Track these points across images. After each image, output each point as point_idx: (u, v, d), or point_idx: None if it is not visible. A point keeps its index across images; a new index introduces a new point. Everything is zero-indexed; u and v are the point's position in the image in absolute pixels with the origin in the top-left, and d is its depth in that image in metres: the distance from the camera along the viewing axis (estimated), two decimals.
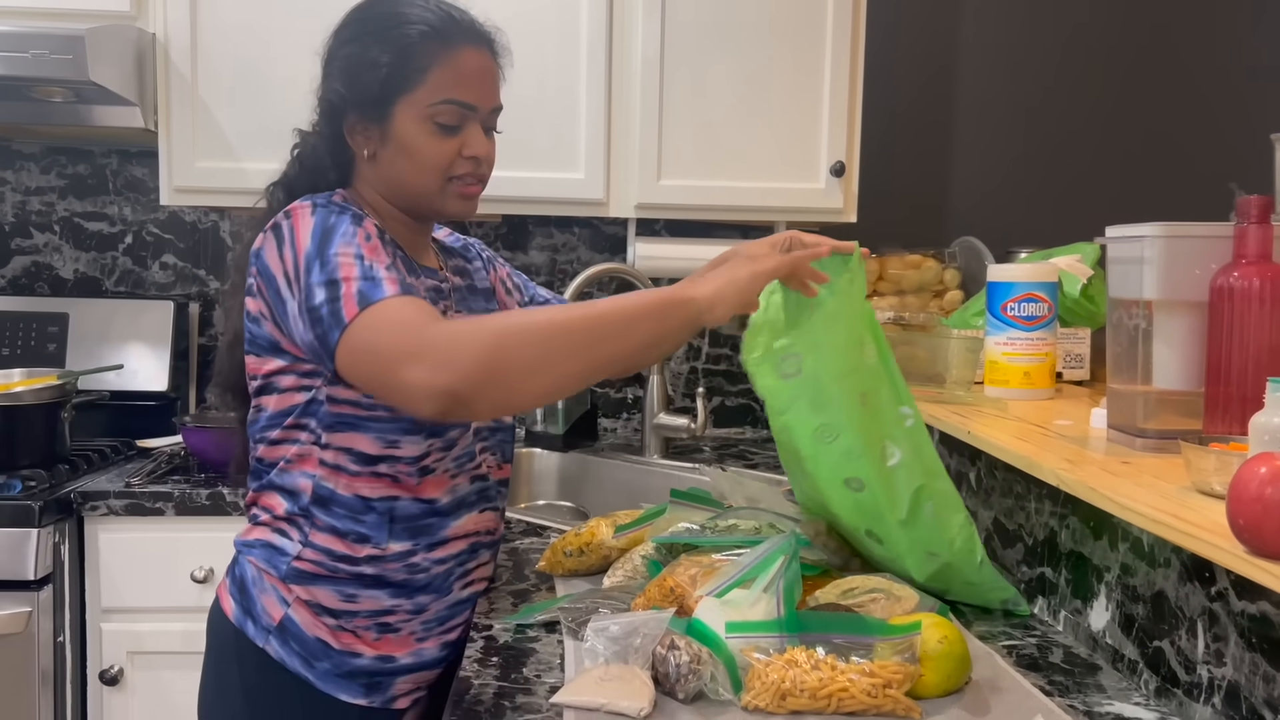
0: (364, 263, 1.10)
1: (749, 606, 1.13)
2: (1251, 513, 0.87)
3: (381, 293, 1.08)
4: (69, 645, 2.00)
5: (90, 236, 2.60)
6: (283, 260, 1.16)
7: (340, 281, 1.09)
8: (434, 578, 1.28)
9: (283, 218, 1.19)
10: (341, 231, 1.14)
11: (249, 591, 1.25)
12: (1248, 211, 1.18)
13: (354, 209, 1.20)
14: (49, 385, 2.12)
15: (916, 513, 1.29)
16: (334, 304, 1.08)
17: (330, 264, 1.11)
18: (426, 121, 1.22)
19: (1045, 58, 2.76)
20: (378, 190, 1.28)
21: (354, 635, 1.25)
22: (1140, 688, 1.17)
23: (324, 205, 1.18)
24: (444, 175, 1.25)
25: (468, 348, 1.02)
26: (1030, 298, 1.72)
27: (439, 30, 1.23)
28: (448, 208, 1.27)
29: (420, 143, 1.23)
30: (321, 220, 1.16)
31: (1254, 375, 1.14)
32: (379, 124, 1.24)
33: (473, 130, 1.25)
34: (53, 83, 2.07)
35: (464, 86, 1.23)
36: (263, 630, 1.24)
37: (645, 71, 2.28)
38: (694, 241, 2.48)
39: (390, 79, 1.21)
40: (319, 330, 1.10)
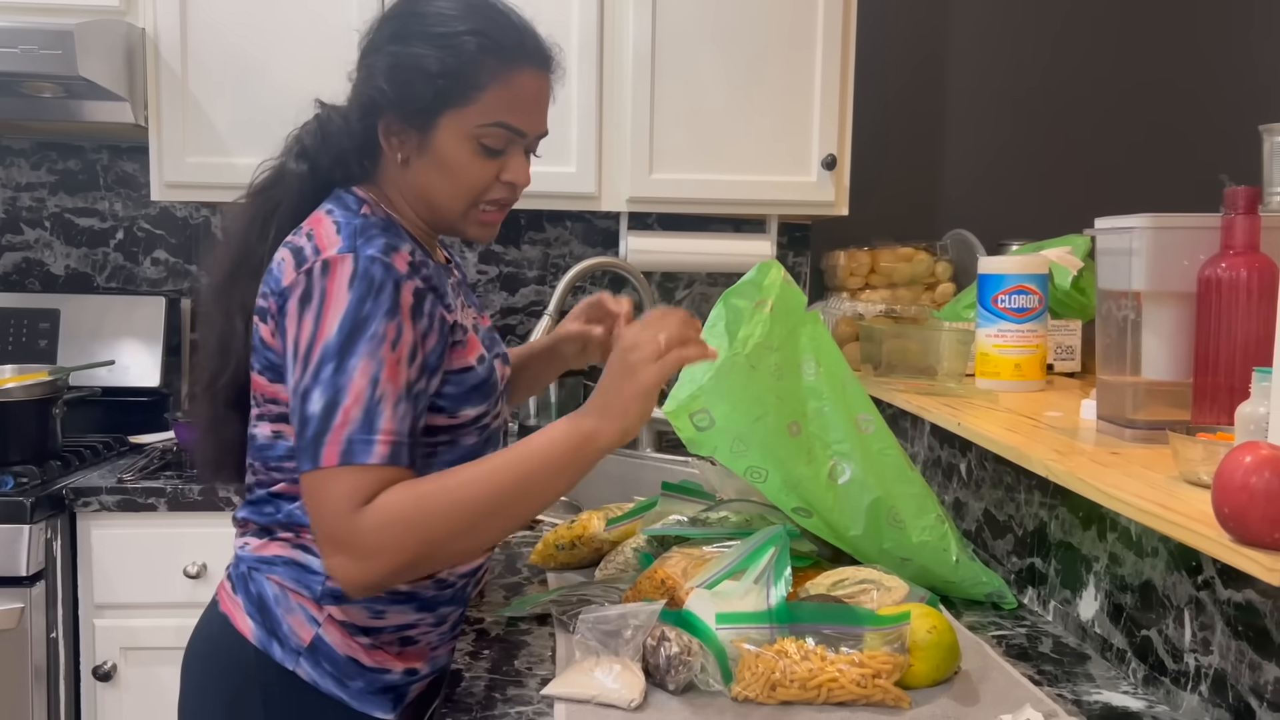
0: (374, 396, 1.04)
1: (739, 598, 1.13)
2: (1237, 501, 0.87)
3: (365, 456, 1.03)
4: (62, 641, 1.99)
5: (81, 232, 2.59)
6: (301, 325, 1.07)
7: (338, 411, 1.03)
8: (458, 590, 1.24)
9: (319, 267, 1.07)
10: (371, 333, 1.05)
11: (272, 611, 1.17)
12: (1235, 203, 1.18)
13: (396, 272, 1.08)
14: (40, 381, 2.12)
15: (876, 525, 1.30)
16: (321, 433, 1.03)
17: (344, 375, 1.04)
18: (471, 141, 1.15)
19: (1035, 50, 2.77)
20: (402, 194, 1.20)
21: (383, 651, 1.20)
22: (1128, 676, 1.17)
23: (365, 267, 1.07)
24: (477, 198, 1.18)
25: (391, 549, 1.03)
26: (1021, 290, 1.72)
27: (501, 46, 1.14)
28: (469, 231, 1.21)
29: (460, 161, 1.15)
30: (357, 301, 1.06)
31: (1241, 365, 1.15)
32: (419, 132, 1.15)
33: (516, 155, 1.18)
34: (42, 78, 2.07)
35: (518, 111, 1.16)
36: (292, 652, 1.16)
37: (636, 65, 2.28)
38: (686, 235, 2.49)
39: (443, 92, 1.13)
40: (300, 434, 1.06)
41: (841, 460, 1.30)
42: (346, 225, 1.12)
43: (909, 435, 1.87)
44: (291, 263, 1.10)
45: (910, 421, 1.86)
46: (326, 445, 1.03)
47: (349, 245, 1.08)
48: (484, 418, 1.21)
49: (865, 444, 1.32)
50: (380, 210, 1.18)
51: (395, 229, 1.16)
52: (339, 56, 2.30)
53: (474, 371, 1.18)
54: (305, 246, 1.10)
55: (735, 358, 1.26)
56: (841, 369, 1.35)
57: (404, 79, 1.14)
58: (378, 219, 1.15)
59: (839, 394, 1.32)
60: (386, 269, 1.07)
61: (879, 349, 1.89)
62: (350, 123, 1.19)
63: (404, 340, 1.07)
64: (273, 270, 1.13)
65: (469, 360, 1.17)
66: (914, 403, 1.67)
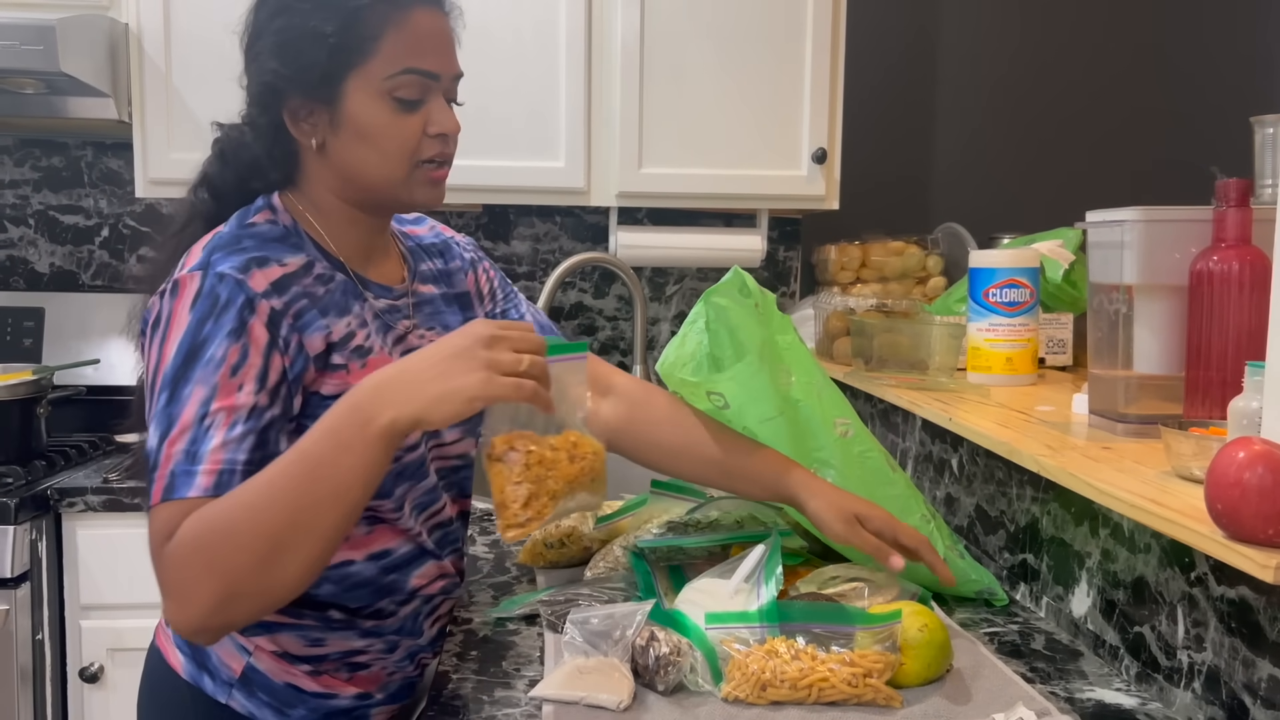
0: (201, 424, 0.95)
1: (729, 597, 1.12)
2: (1229, 497, 0.86)
3: (185, 489, 0.92)
4: (48, 643, 1.98)
5: (66, 230, 2.57)
6: (149, 352, 1.01)
7: (166, 442, 0.94)
8: (404, 621, 1.19)
9: (169, 288, 1.01)
10: (208, 357, 0.97)
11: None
12: (1226, 195, 1.17)
13: (247, 291, 1.00)
14: (24, 381, 2.10)
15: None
16: (153, 469, 0.95)
17: (176, 405, 0.95)
18: (384, 97, 1.06)
19: (1026, 43, 2.76)
20: (330, 188, 1.12)
21: (330, 677, 1.15)
22: (1121, 673, 1.16)
23: (210, 286, 0.99)
24: (411, 159, 1.09)
25: (196, 590, 0.90)
26: (1012, 283, 1.71)
27: None
28: (416, 196, 1.12)
29: (380, 122, 1.07)
30: (197, 322, 0.98)
31: (1233, 359, 1.14)
32: (327, 106, 1.07)
33: (436, 103, 1.10)
34: (24, 74, 2.05)
35: (423, 52, 1.08)
36: (223, 685, 1.12)
37: (625, 59, 2.27)
38: (676, 230, 2.47)
39: (338, 50, 1.05)
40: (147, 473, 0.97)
41: (822, 467, 1.29)
42: (213, 238, 1.06)
43: (900, 430, 1.86)
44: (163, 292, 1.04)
45: (902, 416, 1.85)
46: (156, 481, 0.94)
47: (202, 262, 1.02)
48: None
49: (845, 448, 1.31)
50: (286, 218, 1.11)
51: (292, 238, 1.09)
52: None
53: None
54: (179, 265, 1.05)
55: (750, 363, 1.25)
56: (815, 374, 1.34)
57: (295, 50, 1.06)
58: (270, 228, 1.08)
59: (815, 400, 1.32)
60: (237, 285, 1.00)
61: (870, 343, 1.87)
62: (255, 125, 1.11)
63: (249, 363, 0.98)
64: None
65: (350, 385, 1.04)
66: (905, 398, 1.66)
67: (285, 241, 1.08)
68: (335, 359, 1.06)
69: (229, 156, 1.15)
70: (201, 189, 1.16)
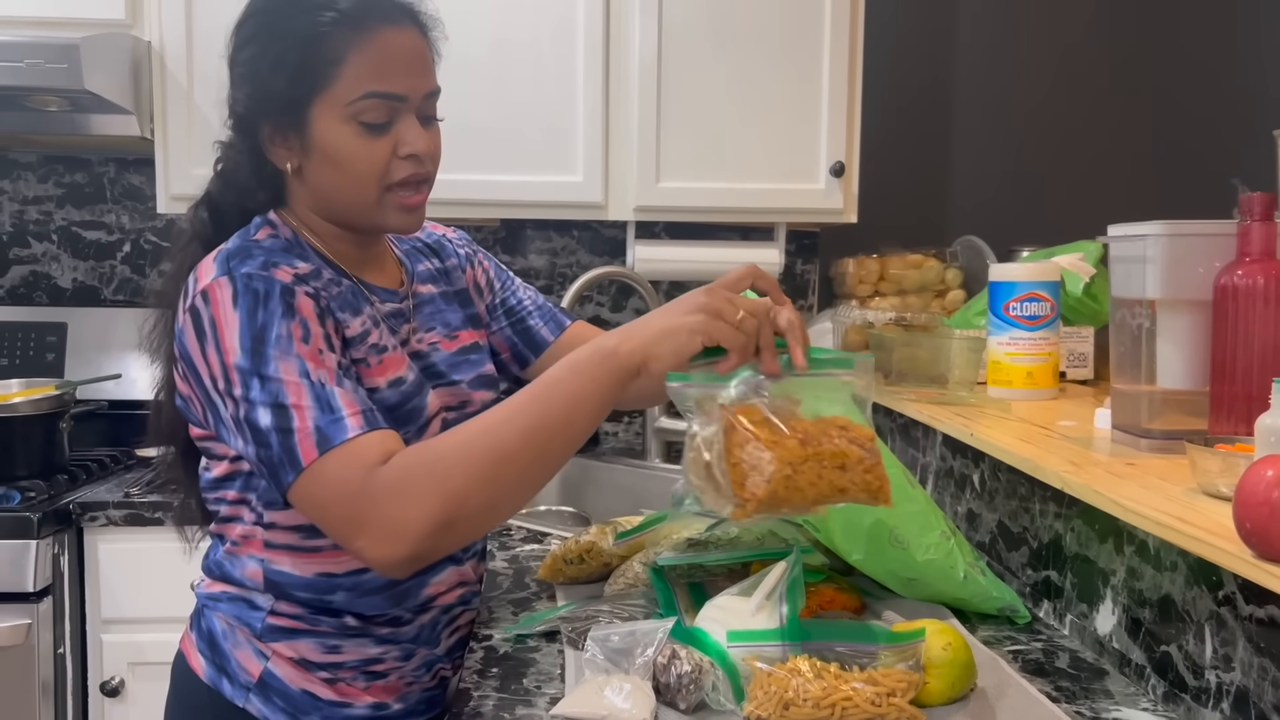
0: (313, 384, 0.98)
1: (750, 615, 1.12)
2: (1258, 516, 0.85)
3: (342, 434, 0.96)
4: (69, 657, 1.99)
5: (88, 245, 2.59)
6: (207, 360, 1.01)
7: (290, 410, 0.97)
8: (421, 629, 1.20)
9: (200, 300, 1.02)
10: (275, 336, 0.99)
11: (220, 647, 1.15)
12: (1251, 209, 1.16)
13: (279, 281, 1.03)
14: (47, 395, 2.12)
15: (878, 547, 1.28)
16: (286, 436, 0.97)
17: (272, 384, 0.98)
18: (349, 122, 1.06)
19: (1045, 54, 2.75)
20: (311, 207, 1.13)
21: (347, 685, 1.16)
22: (1148, 693, 1.15)
23: (244, 284, 1.01)
24: (380, 183, 1.08)
25: (415, 514, 0.93)
26: (1033, 297, 1.70)
27: (348, 13, 1.05)
28: (389, 222, 1.11)
29: (347, 148, 1.06)
30: (247, 315, 1.00)
31: (1259, 374, 1.13)
32: (297, 132, 1.07)
33: (406, 124, 1.08)
34: (48, 92, 2.07)
35: (387, 74, 1.06)
36: (241, 689, 1.14)
37: (643, 73, 2.27)
38: (694, 243, 2.47)
39: (300, 78, 1.05)
40: (266, 457, 0.99)
41: None
42: (222, 252, 1.07)
43: (920, 445, 1.85)
44: (180, 300, 1.06)
45: (922, 431, 1.84)
46: (299, 446, 0.96)
47: (222, 269, 1.03)
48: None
49: None
50: (286, 230, 1.13)
51: (296, 249, 1.11)
52: None
53: (379, 393, 1.09)
54: (188, 283, 1.06)
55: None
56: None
57: (258, 81, 1.07)
58: (273, 240, 1.10)
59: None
60: (267, 280, 1.02)
61: (889, 357, 1.87)
62: (238, 152, 1.13)
63: (313, 333, 1.01)
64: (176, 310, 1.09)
65: (375, 382, 1.10)
66: (925, 412, 1.65)
67: (290, 251, 1.10)
68: (357, 353, 1.09)
69: (227, 176, 1.17)
70: (202, 208, 1.18)
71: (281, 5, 1.09)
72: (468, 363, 1.25)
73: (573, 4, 2.26)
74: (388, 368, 1.11)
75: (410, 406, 1.12)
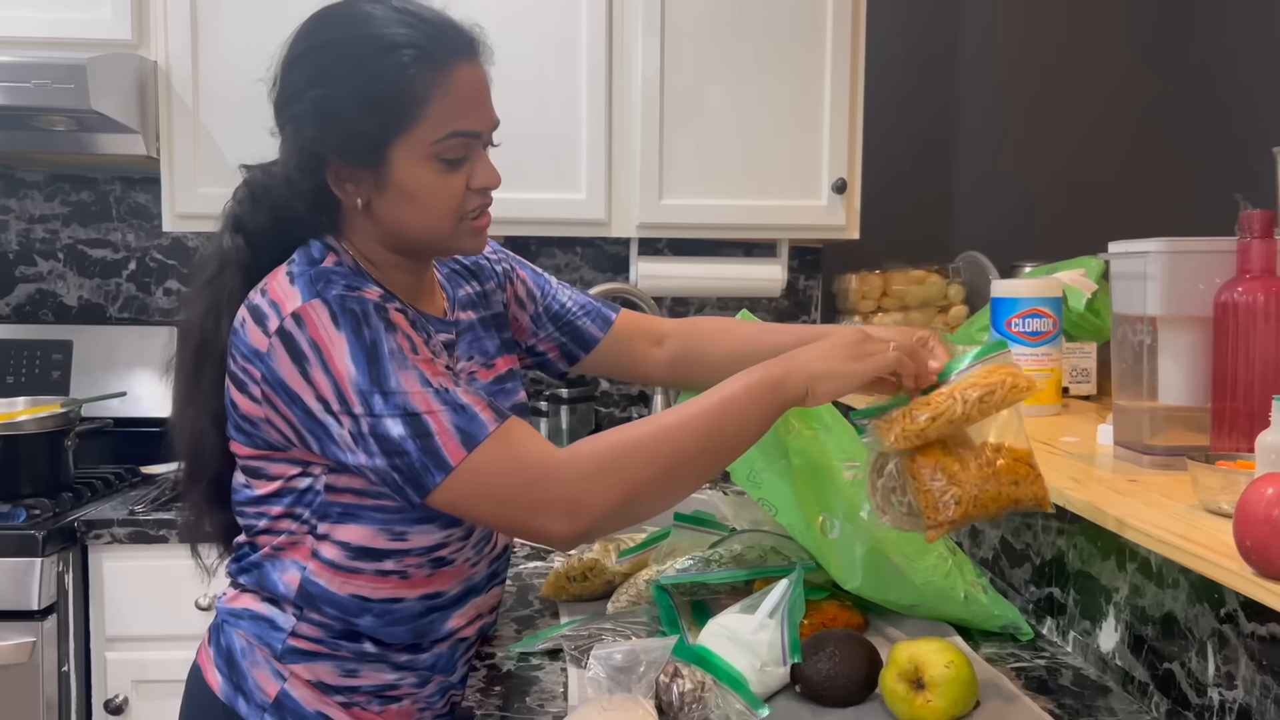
0: (439, 391, 1.00)
1: (753, 633, 1.12)
2: (1259, 534, 0.85)
3: (484, 429, 1.00)
4: (74, 675, 1.99)
5: (94, 263, 2.60)
6: (312, 382, 1.01)
7: (423, 416, 0.99)
8: (439, 658, 1.20)
9: (293, 323, 1.01)
10: (387, 350, 1.01)
11: (238, 665, 1.14)
12: (1251, 226, 1.16)
13: (371, 300, 1.03)
14: (53, 414, 2.13)
15: (875, 575, 1.28)
16: (425, 440, 0.99)
17: (396, 396, 1.00)
18: (430, 160, 1.06)
19: (1048, 71, 2.76)
20: (375, 239, 1.12)
21: (362, 710, 1.16)
22: (1151, 710, 1.15)
23: (340, 305, 1.02)
24: (456, 215, 1.10)
25: (599, 496, 1.01)
26: (1035, 313, 1.70)
27: (428, 52, 1.05)
28: (463, 246, 1.14)
29: (426, 184, 1.07)
30: (353, 334, 1.01)
31: (1260, 391, 1.13)
32: (371, 169, 1.06)
33: (480, 159, 1.10)
34: (55, 112, 2.08)
35: (468, 113, 1.07)
36: (257, 708, 1.13)
37: (645, 91, 2.28)
38: (697, 260, 2.48)
39: (385, 119, 1.04)
40: (403, 465, 1.00)
41: (829, 516, 1.29)
42: (301, 275, 1.06)
43: None
44: (252, 322, 1.05)
45: None
46: (443, 448, 1.00)
47: (312, 292, 1.03)
48: None
49: (854, 493, 1.30)
50: (347, 259, 1.12)
51: (360, 277, 1.09)
52: None
53: None
54: (262, 303, 1.05)
55: None
56: (820, 416, 1.34)
57: (339, 121, 1.05)
58: (340, 267, 1.09)
59: (820, 446, 1.32)
60: (360, 300, 1.03)
61: None
62: (294, 184, 1.09)
63: (419, 343, 1.04)
64: (237, 330, 1.07)
65: None
66: None
67: (357, 277, 1.09)
68: None
69: (260, 199, 1.14)
70: (236, 235, 1.15)
71: (354, 40, 1.06)
72: (503, 392, 1.25)
73: (576, 22, 2.28)
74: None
75: None
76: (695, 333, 1.42)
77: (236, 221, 1.15)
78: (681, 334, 1.42)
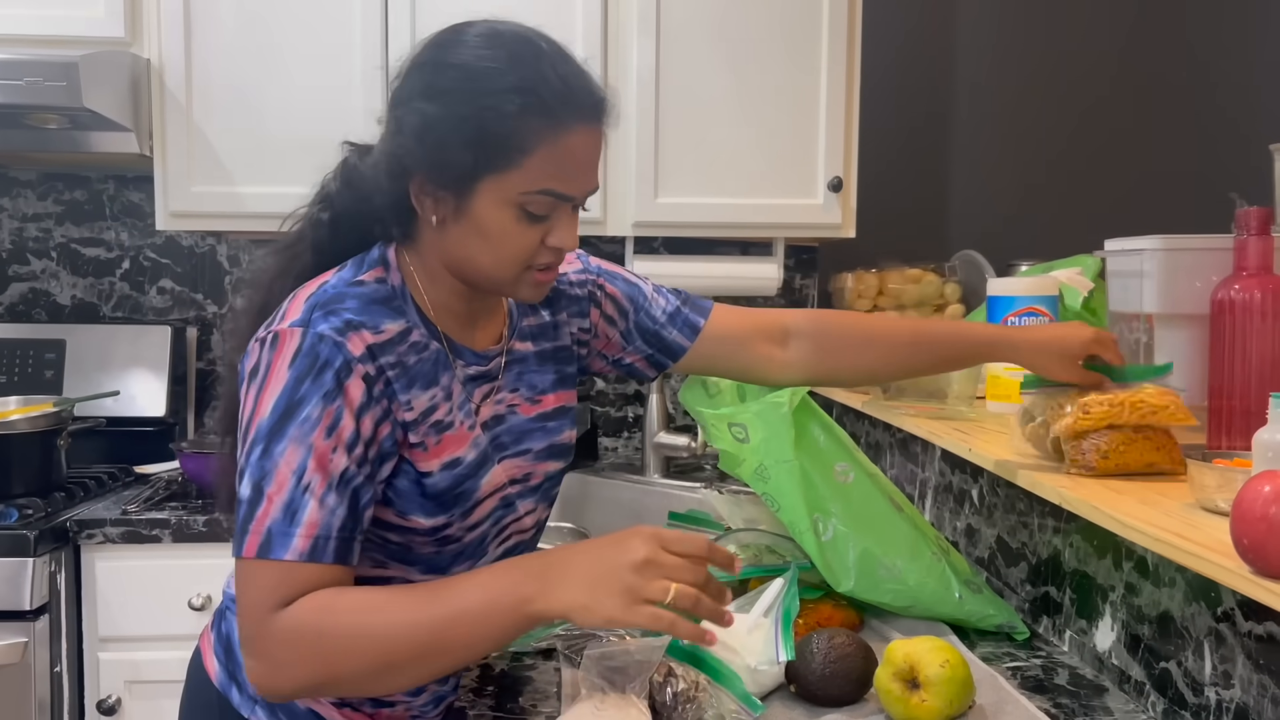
0: (298, 486, 0.97)
1: (747, 632, 1.11)
2: (1256, 532, 0.85)
3: (282, 550, 0.96)
4: (66, 675, 1.98)
5: (87, 262, 2.59)
6: (246, 399, 1.01)
7: (264, 499, 0.97)
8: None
9: (270, 340, 1.01)
10: (303, 416, 0.98)
11: (235, 654, 1.13)
12: (1247, 223, 1.16)
13: (345, 353, 1.00)
14: (45, 413, 2.11)
15: (868, 577, 1.28)
16: (246, 520, 0.97)
17: (270, 460, 0.97)
18: (513, 208, 1.02)
19: (1043, 70, 2.75)
20: (440, 259, 1.09)
21: (354, 710, 1.14)
22: (1148, 709, 1.14)
23: (311, 345, 0.99)
24: (523, 265, 1.06)
25: (292, 675, 0.96)
26: (1031, 311, 1.69)
27: (548, 105, 1.00)
28: (520, 294, 1.09)
29: (502, 229, 1.03)
30: (295, 379, 0.99)
31: (1257, 389, 1.13)
32: (454, 196, 1.03)
33: (563, 218, 1.05)
34: (47, 110, 2.07)
35: (567, 175, 1.02)
36: (249, 699, 1.13)
37: (641, 88, 2.28)
38: (693, 259, 2.47)
39: (481, 155, 1.00)
40: (237, 519, 0.99)
41: (823, 518, 1.28)
42: (319, 294, 1.04)
43: (919, 460, 1.85)
44: (259, 339, 1.04)
45: (921, 446, 1.83)
46: (250, 534, 0.97)
47: (303, 318, 1.01)
48: (443, 529, 1.09)
49: (846, 495, 1.30)
50: (395, 278, 1.09)
51: (397, 301, 1.07)
52: (343, 86, 2.30)
53: (431, 477, 1.07)
54: (280, 309, 1.05)
55: (778, 405, 1.25)
56: (812, 419, 1.33)
57: (437, 142, 1.01)
58: (377, 288, 1.06)
59: (812, 450, 1.31)
60: (335, 347, 0.99)
61: None
62: (380, 179, 1.07)
63: (342, 425, 0.99)
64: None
65: (430, 464, 1.06)
66: (924, 427, 1.64)
67: (389, 304, 1.06)
68: (414, 436, 1.05)
69: (353, 182, 1.12)
70: (324, 211, 1.13)
71: (480, 72, 1.01)
72: (543, 430, 1.20)
73: (570, 19, 2.27)
74: (446, 448, 1.08)
75: (461, 490, 1.09)
76: (829, 335, 1.33)
77: (328, 199, 1.14)
78: (813, 335, 1.33)
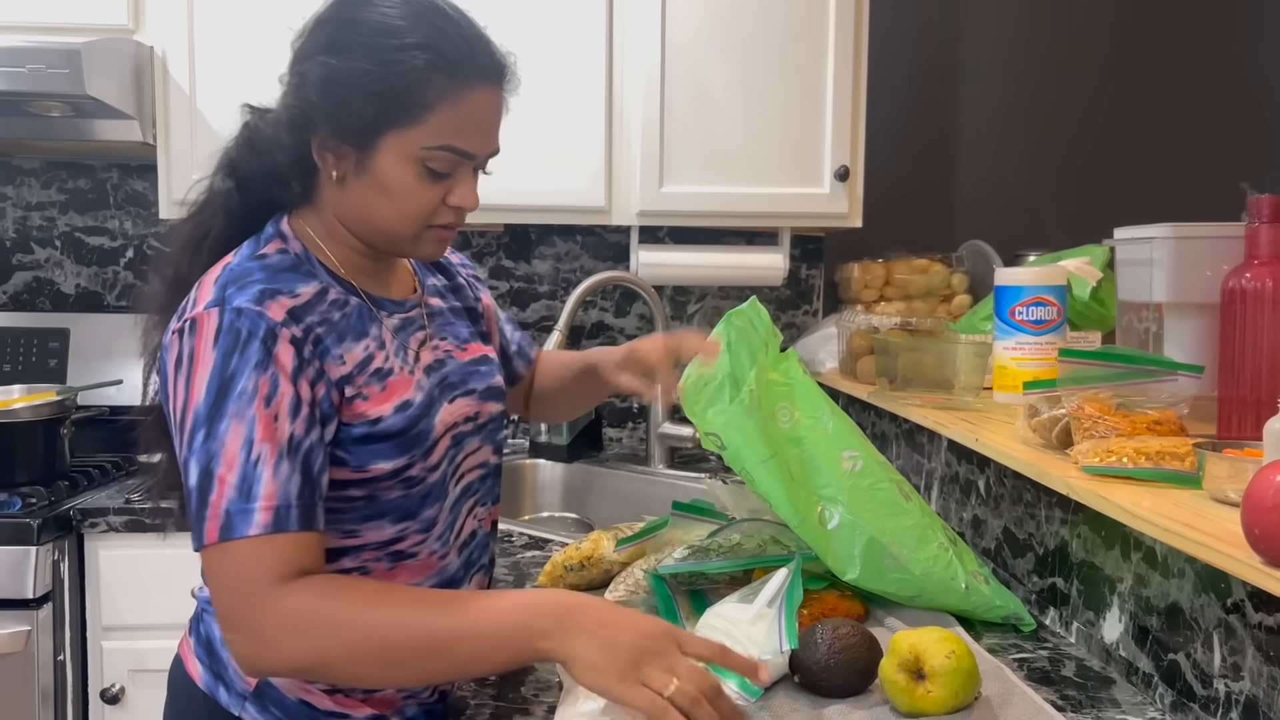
0: (249, 460, 0.96)
1: (751, 623, 1.10)
2: (1267, 522, 0.84)
3: (245, 528, 0.95)
4: (69, 664, 1.98)
5: (91, 251, 2.59)
6: (175, 391, 1.00)
7: (215, 482, 0.95)
8: None
9: (188, 327, 1.00)
10: (239, 391, 0.97)
11: (218, 653, 1.13)
12: (1259, 211, 1.15)
13: (267, 320, 0.99)
14: (48, 401, 2.11)
15: (874, 566, 1.26)
16: (201, 508, 0.96)
17: (215, 441, 0.96)
18: (415, 164, 1.04)
19: (1051, 58, 2.74)
20: (340, 216, 1.10)
21: (346, 696, 1.14)
22: (1155, 702, 1.13)
23: (230, 321, 0.99)
24: (423, 222, 1.08)
25: (288, 656, 0.95)
26: (1039, 301, 1.68)
27: (451, 62, 1.03)
28: (420, 252, 1.12)
29: (403, 185, 1.05)
30: (222, 358, 0.98)
31: (1268, 378, 1.12)
32: (356, 151, 1.05)
33: (464, 177, 1.08)
34: (50, 97, 2.06)
35: (468, 133, 1.05)
36: (237, 697, 1.12)
37: (646, 77, 2.26)
38: (698, 248, 2.46)
39: (384, 110, 1.02)
40: (190, 513, 0.98)
41: (828, 505, 1.26)
42: (225, 274, 1.04)
43: (926, 451, 1.84)
44: (171, 331, 1.03)
45: (927, 437, 1.82)
46: (207, 520, 0.96)
47: (216, 298, 1.01)
48: (406, 470, 1.09)
49: (853, 482, 1.28)
50: (296, 245, 1.10)
51: (305, 265, 1.08)
52: None
53: (384, 421, 1.06)
54: (189, 298, 1.04)
55: (741, 402, 1.24)
56: (820, 406, 1.32)
57: (340, 95, 1.03)
58: (280, 258, 1.07)
59: (820, 434, 1.29)
60: (256, 317, 0.99)
61: (894, 362, 1.85)
62: (280, 136, 1.08)
63: (280, 392, 0.98)
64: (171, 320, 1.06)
65: (380, 409, 1.06)
66: (930, 418, 1.63)
67: (297, 270, 1.07)
68: (351, 389, 1.05)
69: (256, 146, 1.12)
70: (228, 177, 1.13)
71: (381, 27, 1.03)
72: (479, 374, 1.23)
73: (576, 8, 2.26)
74: (393, 392, 1.08)
75: (417, 430, 1.09)
76: (538, 373, 1.49)
77: (231, 164, 1.14)
78: (535, 373, 1.49)
